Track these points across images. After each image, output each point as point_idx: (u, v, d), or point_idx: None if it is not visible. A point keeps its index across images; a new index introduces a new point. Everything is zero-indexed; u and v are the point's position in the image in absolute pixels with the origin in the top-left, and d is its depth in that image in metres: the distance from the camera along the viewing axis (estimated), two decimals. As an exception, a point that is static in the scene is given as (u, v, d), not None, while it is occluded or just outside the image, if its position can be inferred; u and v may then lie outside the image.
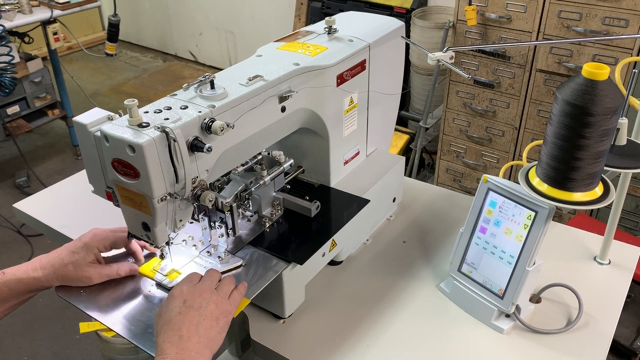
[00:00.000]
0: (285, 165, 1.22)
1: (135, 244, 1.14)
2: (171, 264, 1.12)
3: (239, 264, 1.12)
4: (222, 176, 1.12)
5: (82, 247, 1.08)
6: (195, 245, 1.17)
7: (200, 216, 1.14)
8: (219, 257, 1.14)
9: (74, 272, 1.06)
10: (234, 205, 1.12)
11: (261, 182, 1.16)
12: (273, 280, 1.08)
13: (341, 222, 1.22)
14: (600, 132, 0.93)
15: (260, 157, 1.20)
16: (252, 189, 1.15)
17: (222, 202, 1.09)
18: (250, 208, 1.22)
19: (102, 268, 1.09)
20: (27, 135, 3.88)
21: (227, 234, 1.16)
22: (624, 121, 1.09)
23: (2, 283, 1.04)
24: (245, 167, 1.18)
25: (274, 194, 1.24)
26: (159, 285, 1.10)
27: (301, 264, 1.11)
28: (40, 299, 2.57)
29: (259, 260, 1.13)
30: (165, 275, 1.10)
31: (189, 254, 1.15)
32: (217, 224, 1.15)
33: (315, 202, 1.23)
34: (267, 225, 1.21)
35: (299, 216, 1.24)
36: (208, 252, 1.15)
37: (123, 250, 1.16)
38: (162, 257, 1.11)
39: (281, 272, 1.09)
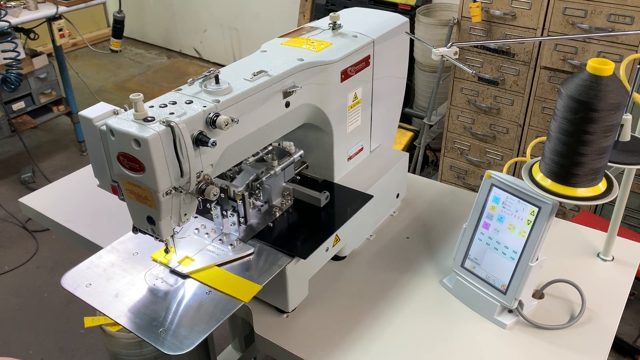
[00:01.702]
0: (295, 156, 1.24)
1: None
2: (184, 252, 1.14)
3: (250, 251, 1.14)
4: (234, 166, 1.13)
5: None
6: (207, 234, 1.18)
7: (212, 205, 1.17)
8: (231, 245, 1.15)
9: None
10: (246, 194, 1.13)
11: (272, 172, 1.18)
12: (277, 275, 1.09)
13: (345, 217, 1.23)
14: (604, 128, 0.93)
15: (270, 147, 1.22)
16: (263, 178, 1.17)
17: (234, 191, 1.11)
18: (261, 198, 1.23)
19: None
20: (32, 131, 3.90)
21: (239, 222, 1.17)
22: (628, 117, 1.09)
23: None
24: (256, 157, 1.20)
25: (284, 184, 1.26)
26: (173, 271, 1.11)
27: (304, 259, 1.12)
28: (45, 293, 2.59)
29: (262, 254, 1.14)
30: (179, 262, 1.11)
31: (201, 242, 1.17)
32: (229, 212, 1.17)
33: (324, 192, 1.24)
34: (277, 215, 1.22)
35: (308, 206, 1.25)
36: (220, 240, 1.17)
37: None
38: (166, 251, 1.12)
39: (285, 267, 1.10)
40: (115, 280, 1.11)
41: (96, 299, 1.06)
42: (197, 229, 1.21)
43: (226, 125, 0.94)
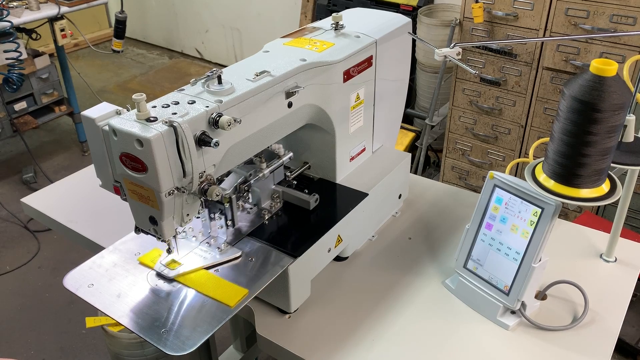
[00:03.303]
0: (284, 159, 1.23)
1: None
2: (172, 254, 1.13)
3: (237, 255, 1.13)
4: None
5: None
6: (195, 237, 1.18)
7: (200, 208, 1.15)
8: (218, 248, 1.15)
9: None
10: (234, 197, 1.13)
11: (260, 175, 1.17)
12: (279, 276, 1.09)
13: (339, 215, 1.22)
14: (608, 129, 0.92)
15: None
16: (252, 181, 1.16)
17: (221, 193, 1.10)
18: (250, 200, 1.23)
19: None
20: (34, 131, 3.90)
21: (227, 225, 1.17)
22: (631, 118, 1.08)
23: None
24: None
25: (274, 186, 1.25)
26: (159, 275, 1.10)
27: (299, 256, 1.11)
28: (47, 293, 2.59)
29: (259, 253, 1.14)
30: (166, 265, 1.11)
31: (189, 245, 1.16)
32: (216, 215, 1.16)
33: (314, 194, 1.23)
34: (267, 217, 1.22)
35: (298, 209, 1.25)
36: (208, 243, 1.16)
37: None
38: (169, 251, 1.12)
39: (287, 267, 1.10)
40: (117, 280, 1.10)
41: (98, 300, 1.06)
42: (184, 231, 1.20)
43: (229, 125, 0.94)
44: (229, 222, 1.16)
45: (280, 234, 1.18)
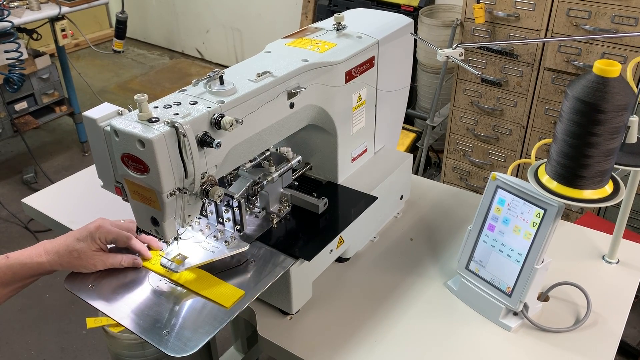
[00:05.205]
0: (293, 162, 1.23)
1: (137, 243, 1.13)
2: (177, 249, 1.13)
3: (245, 248, 1.12)
4: (231, 172, 1.12)
5: (87, 236, 1.09)
6: (202, 230, 1.17)
7: (208, 211, 1.15)
8: (226, 241, 1.14)
9: (77, 259, 1.08)
10: (242, 201, 1.12)
11: (269, 179, 1.17)
12: (281, 277, 1.09)
13: (349, 219, 1.22)
14: (611, 130, 0.92)
15: (268, 153, 1.21)
16: (262, 184, 1.15)
17: (230, 197, 1.10)
18: (258, 204, 1.22)
19: (107, 257, 1.10)
20: (34, 131, 3.90)
21: (235, 229, 1.16)
22: (634, 119, 1.08)
23: (5, 267, 1.05)
24: (253, 163, 1.19)
25: (282, 190, 1.24)
26: (164, 267, 1.10)
27: (309, 260, 1.11)
28: (47, 294, 2.59)
29: (266, 256, 1.13)
30: (171, 260, 1.10)
31: (195, 238, 1.16)
32: (225, 218, 1.16)
33: (323, 198, 1.23)
34: (275, 221, 1.21)
35: (306, 213, 1.24)
36: (214, 236, 1.16)
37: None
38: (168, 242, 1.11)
39: (289, 269, 1.09)
40: (118, 281, 1.10)
41: (99, 301, 1.06)
42: (191, 225, 1.19)
43: (231, 126, 0.94)
44: (238, 227, 1.15)
45: (289, 238, 1.18)
